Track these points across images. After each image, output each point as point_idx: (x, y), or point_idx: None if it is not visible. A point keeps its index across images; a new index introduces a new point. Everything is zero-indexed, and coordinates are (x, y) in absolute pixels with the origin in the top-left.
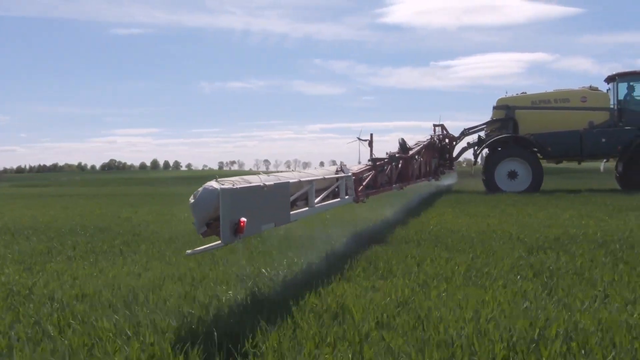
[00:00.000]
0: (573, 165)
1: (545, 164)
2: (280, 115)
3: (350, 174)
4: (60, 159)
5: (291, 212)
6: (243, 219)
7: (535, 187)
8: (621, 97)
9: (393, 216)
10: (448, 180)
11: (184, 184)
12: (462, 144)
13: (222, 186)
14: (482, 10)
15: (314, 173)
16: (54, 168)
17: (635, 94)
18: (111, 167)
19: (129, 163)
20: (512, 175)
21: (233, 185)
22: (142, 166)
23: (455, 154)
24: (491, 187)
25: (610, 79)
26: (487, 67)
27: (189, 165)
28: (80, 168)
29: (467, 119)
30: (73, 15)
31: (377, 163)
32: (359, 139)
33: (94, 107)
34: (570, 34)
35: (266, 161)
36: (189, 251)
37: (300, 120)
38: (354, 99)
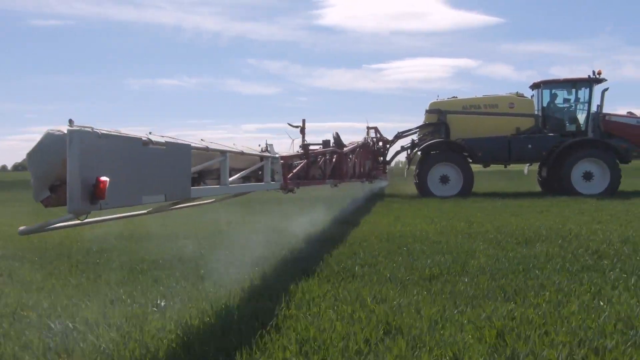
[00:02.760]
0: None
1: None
2: (213, 114)
3: (277, 155)
4: None
5: (194, 187)
6: (104, 178)
7: (465, 191)
8: (545, 104)
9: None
10: (380, 183)
11: None
12: (396, 147)
13: (74, 128)
14: (409, 17)
15: (231, 146)
16: None
17: (557, 101)
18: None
19: None
20: (444, 179)
21: (93, 129)
22: None
23: (389, 157)
24: (424, 191)
25: (535, 86)
26: (416, 71)
27: None
28: None
29: (399, 120)
30: None
31: (310, 150)
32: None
33: (12, 102)
34: (492, 41)
35: None
36: (22, 228)
37: (234, 120)
38: (289, 99)
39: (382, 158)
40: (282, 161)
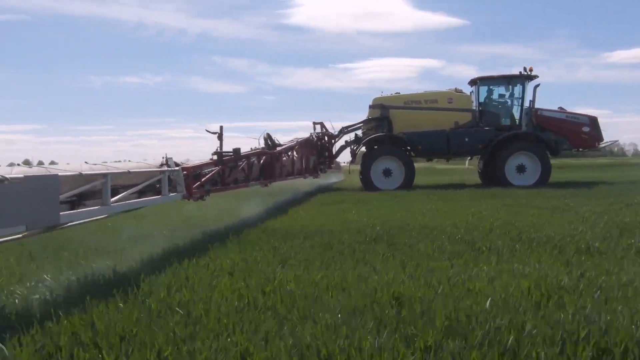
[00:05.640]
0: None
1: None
2: (178, 112)
3: (177, 168)
4: None
5: (65, 212)
6: None
7: (407, 184)
8: (482, 99)
9: None
10: (332, 178)
11: None
12: (341, 142)
13: None
14: (374, 17)
15: (119, 166)
16: None
17: (493, 96)
18: None
19: None
20: (387, 173)
21: None
22: None
23: (334, 152)
24: (368, 185)
25: (472, 82)
26: (383, 71)
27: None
28: None
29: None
30: None
31: (224, 158)
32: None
33: None
34: (454, 43)
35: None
36: None
37: (200, 119)
38: (256, 98)
39: (327, 153)
40: (185, 172)
